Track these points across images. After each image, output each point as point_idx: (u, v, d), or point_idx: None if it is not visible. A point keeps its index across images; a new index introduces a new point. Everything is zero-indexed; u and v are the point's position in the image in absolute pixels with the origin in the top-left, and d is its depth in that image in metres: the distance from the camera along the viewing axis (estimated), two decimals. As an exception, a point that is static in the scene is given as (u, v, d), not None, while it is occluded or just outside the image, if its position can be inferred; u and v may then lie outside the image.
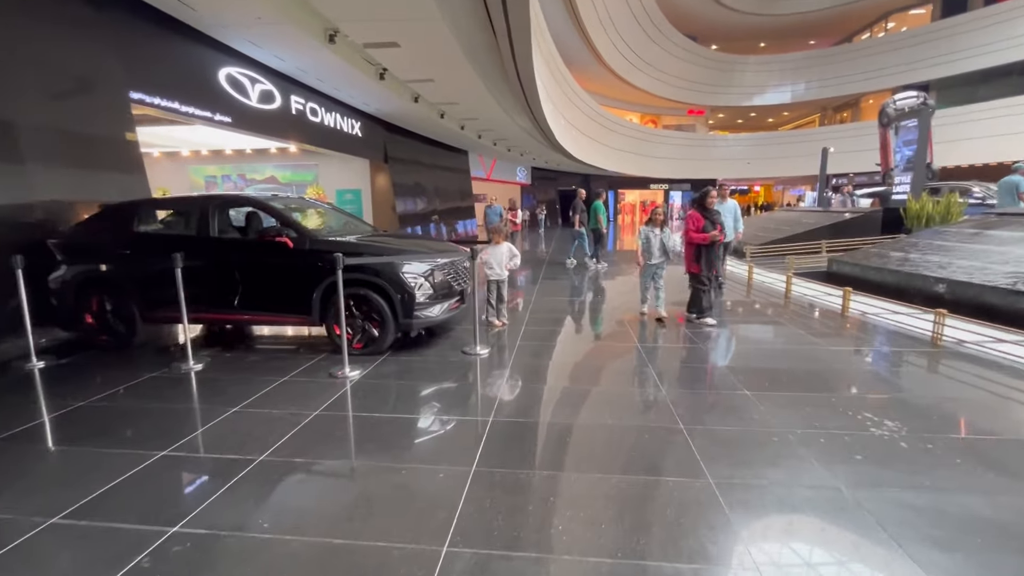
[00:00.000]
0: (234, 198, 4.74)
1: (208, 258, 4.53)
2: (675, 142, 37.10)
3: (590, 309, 7.03)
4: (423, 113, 13.27)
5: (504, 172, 27.40)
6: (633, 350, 4.73)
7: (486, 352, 4.47)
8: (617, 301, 7.35)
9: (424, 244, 5.01)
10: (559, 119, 20.18)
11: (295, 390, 3.59)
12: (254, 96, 8.98)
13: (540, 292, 7.74)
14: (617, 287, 8.80)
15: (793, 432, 2.96)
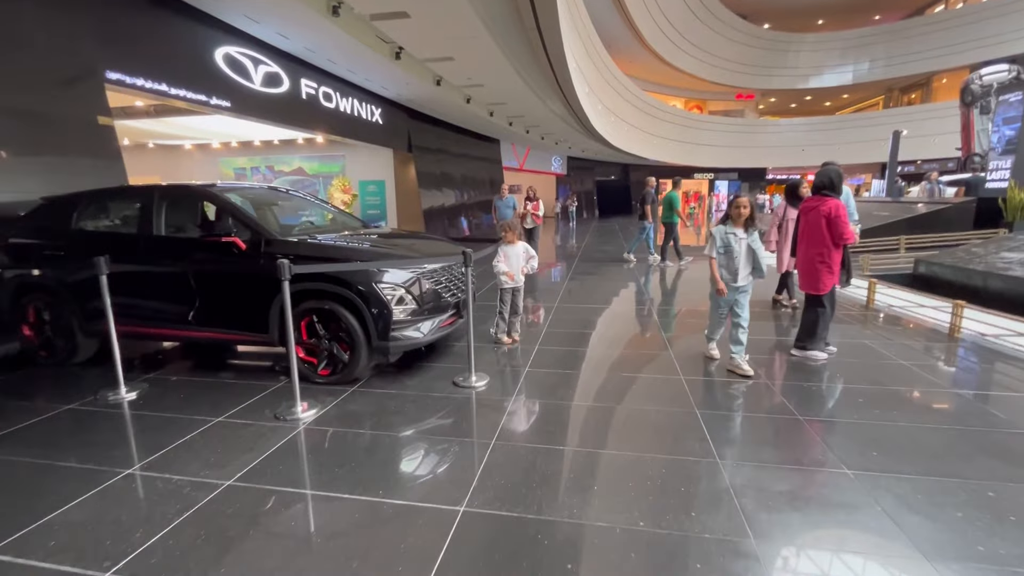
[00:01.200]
0: (178, 188, 3.93)
1: (147, 262, 3.74)
2: (722, 128, 34.84)
3: (634, 329, 5.37)
4: (448, 98, 12.34)
5: (538, 162, 26.25)
6: (689, 419, 3.04)
7: (483, 384, 3.50)
8: (678, 324, 5.49)
9: (414, 246, 4.04)
10: (595, 104, 18.85)
11: (223, 439, 2.73)
12: (257, 79, 8.25)
13: (567, 298, 6.66)
14: (681, 300, 6.92)
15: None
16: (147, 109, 13.05)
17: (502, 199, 9.06)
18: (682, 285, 7.96)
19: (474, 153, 19.02)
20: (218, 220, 3.55)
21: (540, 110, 15.16)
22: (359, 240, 3.83)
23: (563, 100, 14.11)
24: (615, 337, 5.01)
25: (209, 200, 3.68)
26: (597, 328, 5.27)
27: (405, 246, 3.93)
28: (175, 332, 3.76)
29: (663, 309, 6.22)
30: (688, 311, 6.01)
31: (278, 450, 2.63)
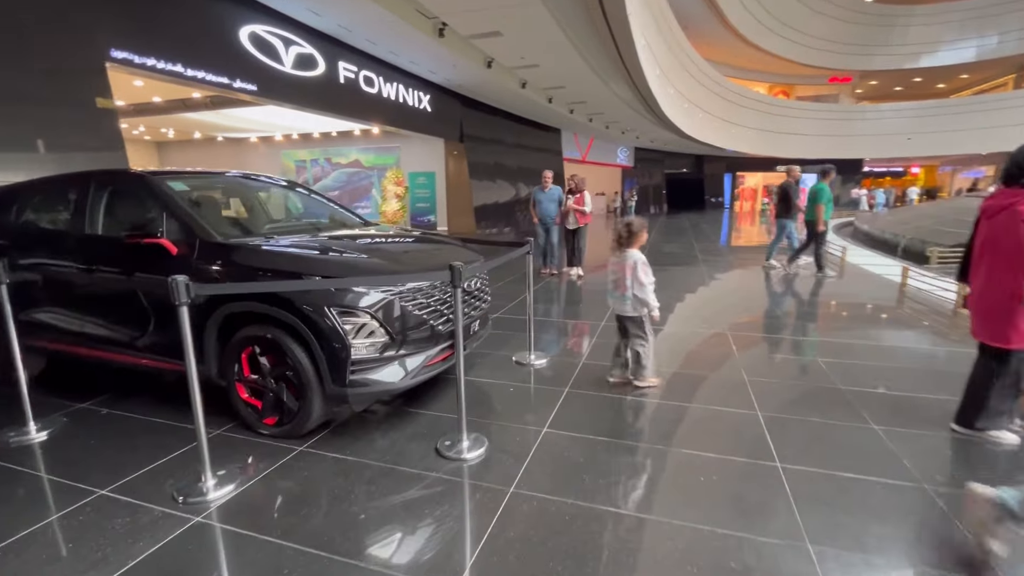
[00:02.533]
0: (113, 174, 3.18)
1: (64, 267, 3.02)
2: (812, 115, 31.37)
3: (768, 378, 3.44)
4: (501, 82, 11.33)
5: (602, 153, 24.69)
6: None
7: (478, 454, 2.41)
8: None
9: (404, 254, 3.02)
10: (667, 88, 17.12)
11: (79, 533, 1.83)
12: (288, 60, 7.63)
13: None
14: (844, 336, 4.60)
15: None
16: (204, 100, 13.08)
17: (544, 191, 7.27)
18: (850, 304, 5.76)
19: (532, 143, 17.92)
20: (146, 216, 2.76)
21: (603, 94, 13.79)
22: (336, 245, 2.89)
23: (629, 82, 12.67)
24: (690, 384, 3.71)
25: (141, 188, 2.90)
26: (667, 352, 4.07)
27: (392, 254, 2.94)
28: (90, 352, 3.03)
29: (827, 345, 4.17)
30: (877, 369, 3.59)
31: (135, 568, 1.73)
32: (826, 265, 7.66)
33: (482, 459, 2.42)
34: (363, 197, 18.41)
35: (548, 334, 4.43)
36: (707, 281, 7.38)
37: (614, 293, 3.25)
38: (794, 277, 7.45)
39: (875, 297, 6.12)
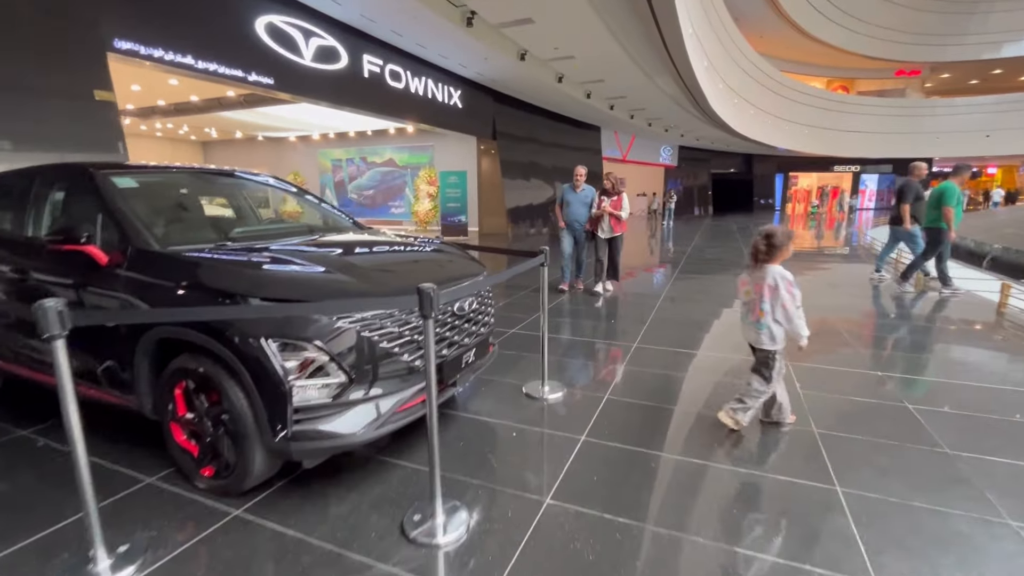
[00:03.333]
0: (59, 168, 2.75)
1: (4, 273, 2.62)
2: (875, 111, 29.13)
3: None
4: (535, 76, 10.72)
5: (644, 152, 23.65)
6: None
7: (454, 538, 1.78)
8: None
9: (371, 271, 2.42)
10: (716, 82, 16.04)
11: None
12: (308, 53, 7.28)
13: (655, 336, 4.66)
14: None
15: None
16: (238, 99, 13.08)
17: (576, 190, 5.81)
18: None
19: (569, 141, 17.21)
20: (77, 217, 2.32)
21: (646, 89, 12.94)
22: (300, 255, 2.37)
23: (675, 75, 11.80)
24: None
25: (81, 184, 2.46)
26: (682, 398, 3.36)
27: (363, 269, 2.36)
28: (24, 372, 2.62)
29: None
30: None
31: None
32: (949, 281, 6.09)
33: (459, 545, 1.82)
34: (397, 196, 18.21)
35: (569, 360, 3.78)
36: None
37: (747, 319, 2.65)
38: (908, 295, 6.11)
39: (973, 319, 5.14)
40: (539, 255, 3.02)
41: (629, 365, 3.64)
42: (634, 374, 3.47)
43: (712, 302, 5.85)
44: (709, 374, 3.55)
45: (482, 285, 2.52)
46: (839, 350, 4.06)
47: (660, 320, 4.89)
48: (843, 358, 3.88)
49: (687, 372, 3.60)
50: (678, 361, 3.79)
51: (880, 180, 33.33)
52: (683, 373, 3.58)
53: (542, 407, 3.00)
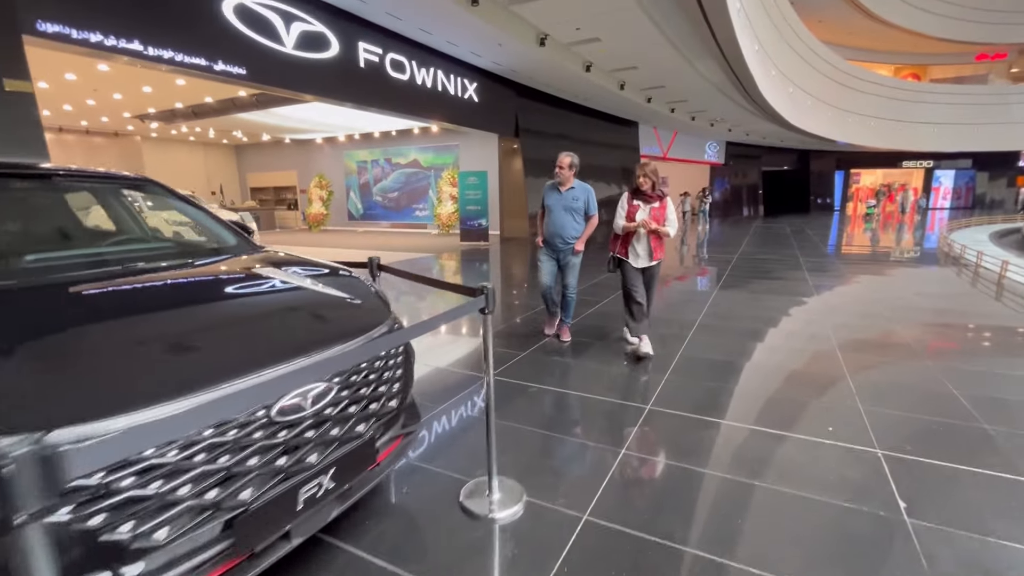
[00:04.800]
0: None
1: None
2: (952, 100, 26.10)
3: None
4: (559, 64, 9.58)
5: (687, 149, 21.95)
6: None
7: None
8: None
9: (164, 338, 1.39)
10: (768, 69, 14.36)
11: None
12: (289, 39, 6.45)
13: (688, 377, 3.49)
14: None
15: None
16: (250, 99, 12.59)
17: (563, 189, 3.92)
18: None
19: (602, 138, 15.91)
20: None
21: (687, 76, 11.53)
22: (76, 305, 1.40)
23: (720, 59, 10.36)
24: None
25: None
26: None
27: (147, 338, 1.34)
28: None
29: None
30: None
31: None
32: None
33: None
34: (421, 199, 17.46)
35: (538, 439, 2.63)
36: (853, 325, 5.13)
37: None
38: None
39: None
40: (478, 294, 1.92)
41: (632, 449, 2.47)
42: (636, 470, 2.30)
43: (756, 335, 4.55)
44: (757, 468, 2.33)
45: (356, 355, 1.46)
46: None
47: (688, 364, 3.67)
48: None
49: (719, 459, 2.39)
50: (704, 437, 2.58)
51: (957, 176, 30.07)
52: (714, 464, 2.37)
53: (488, 532, 1.90)
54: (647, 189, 3.64)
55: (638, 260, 3.76)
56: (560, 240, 3.96)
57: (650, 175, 3.60)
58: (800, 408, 2.95)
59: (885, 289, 6.75)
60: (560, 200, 3.91)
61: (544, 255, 4.11)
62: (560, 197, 3.91)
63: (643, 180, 3.61)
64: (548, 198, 4.00)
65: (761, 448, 2.48)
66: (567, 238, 3.94)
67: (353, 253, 11.07)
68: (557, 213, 3.91)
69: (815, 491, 2.10)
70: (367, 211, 19.02)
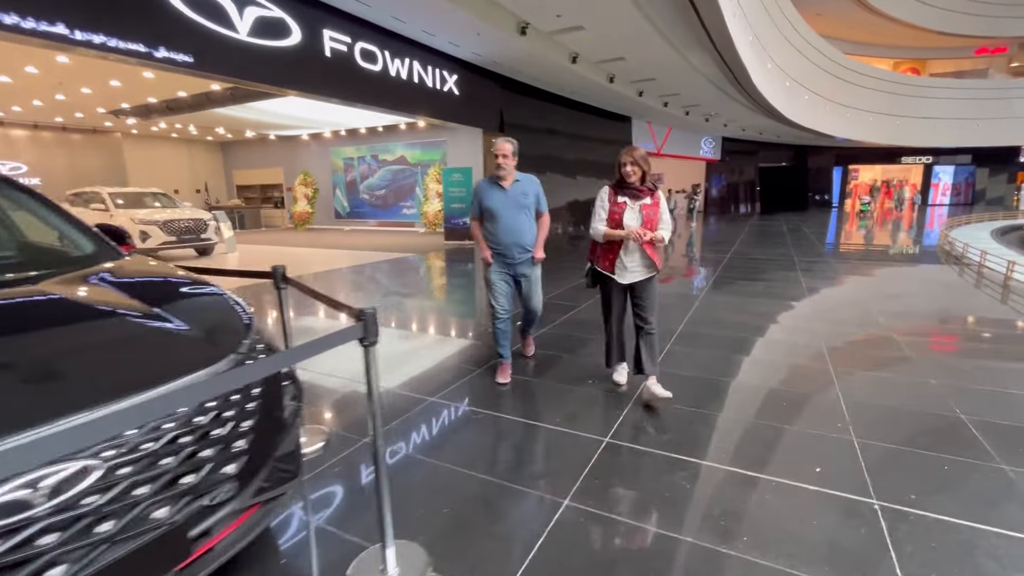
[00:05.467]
0: None
1: None
2: (952, 95, 25.65)
3: None
4: (543, 55, 9.13)
5: (682, 144, 21.49)
6: None
7: None
8: None
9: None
10: (764, 62, 13.92)
11: None
12: (244, 26, 5.99)
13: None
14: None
15: None
16: (224, 93, 12.12)
17: (507, 185, 3.13)
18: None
19: (594, 133, 15.45)
20: None
21: (678, 68, 11.07)
22: None
23: (712, 51, 9.91)
24: None
25: None
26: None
27: None
28: None
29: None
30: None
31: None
32: None
33: None
34: (408, 196, 17.00)
35: (467, 503, 1.99)
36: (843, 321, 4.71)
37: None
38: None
39: None
40: (357, 322, 1.48)
41: (578, 499, 2.03)
42: (579, 530, 1.86)
43: (741, 346, 4.11)
44: (730, 527, 1.88)
45: (148, 412, 1.03)
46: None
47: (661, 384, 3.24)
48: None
49: (684, 515, 1.94)
50: (668, 483, 2.13)
51: (956, 172, 29.64)
52: (676, 521, 1.92)
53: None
54: (635, 181, 2.80)
55: (626, 275, 2.89)
56: (519, 249, 3.17)
57: (639, 162, 2.77)
58: (785, 441, 2.52)
59: (882, 292, 6.32)
60: (508, 199, 3.13)
61: (496, 273, 3.23)
62: (506, 195, 3.13)
63: (631, 169, 2.77)
64: (489, 199, 3.14)
65: (736, 498, 2.04)
66: (527, 245, 3.19)
67: (336, 253, 10.67)
68: (509, 215, 3.12)
69: (795, 563, 1.66)
70: (354, 209, 18.56)
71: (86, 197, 10.40)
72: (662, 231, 2.83)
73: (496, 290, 3.24)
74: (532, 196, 3.20)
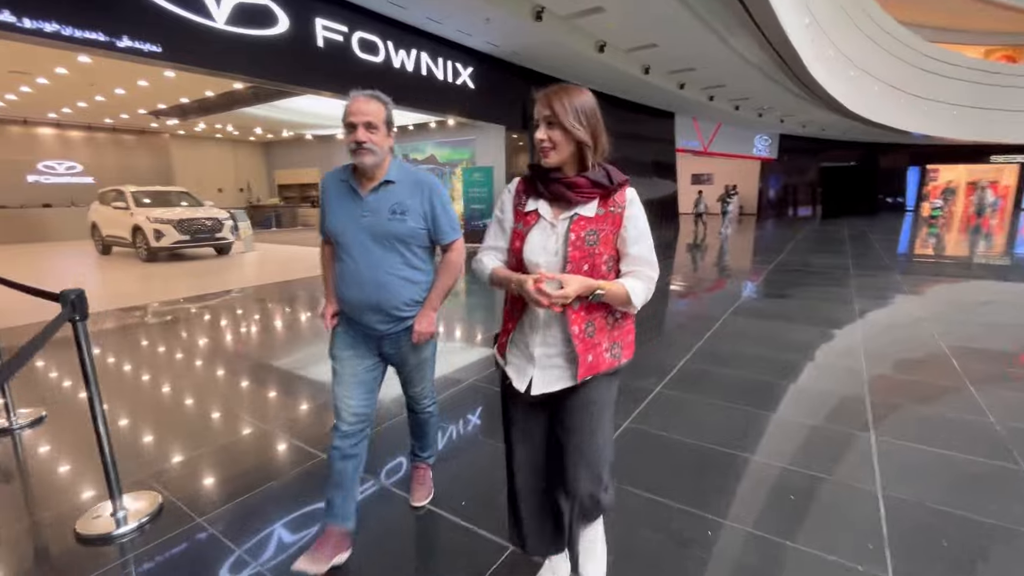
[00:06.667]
0: None
1: None
2: (1058, 84, 22.40)
3: None
4: (564, 44, 8.36)
5: (733, 142, 19.90)
6: None
7: None
8: None
9: None
10: (824, 48, 12.45)
11: None
12: (220, 13, 5.59)
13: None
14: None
15: None
16: (246, 92, 12.09)
17: (366, 188, 1.65)
18: None
19: (631, 130, 14.41)
20: None
21: (720, 56, 9.95)
22: None
23: (756, 34, 8.77)
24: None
25: None
26: None
27: None
28: None
29: None
30: None
31: None
32: None
33: None
34: (437, 197, 16.61)
35: None
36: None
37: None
38: None
39: None
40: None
41: None
42: None
43: (755, 394, 3.19)
44: None
45: None
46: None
47: (630, 453, 2.42)
48: None
49: None
50: None
51: (1061, 174, 26.05)
52: None
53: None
54: (554, 162, 1.30)
55: (528, 371, 1.36)
56: (378, 315, 1.69)
57: (569, 116, 1.26)
58: (799, 567, 1.67)
59: (957, 320, 5.11)
60: (360, 214, 1.65)
61: (343, 347, 1.76)
62: (360, 207, 1.65)
63: (546, 136, 1.28)
64: (334, 212, 1.69)
65: None
66: (392, 306, 1.69)
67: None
68: (360, 248, 1.66)
69: None
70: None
71: (111, 196, 10.56)
72: (625, 284, 1.26)
73: (339, 378, 1.74)
74: (416, 214, 1.67)
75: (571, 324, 1.28)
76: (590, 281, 1.23)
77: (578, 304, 1.28)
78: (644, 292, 1.29)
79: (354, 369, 1.75)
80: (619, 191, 1.32)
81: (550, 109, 1.26)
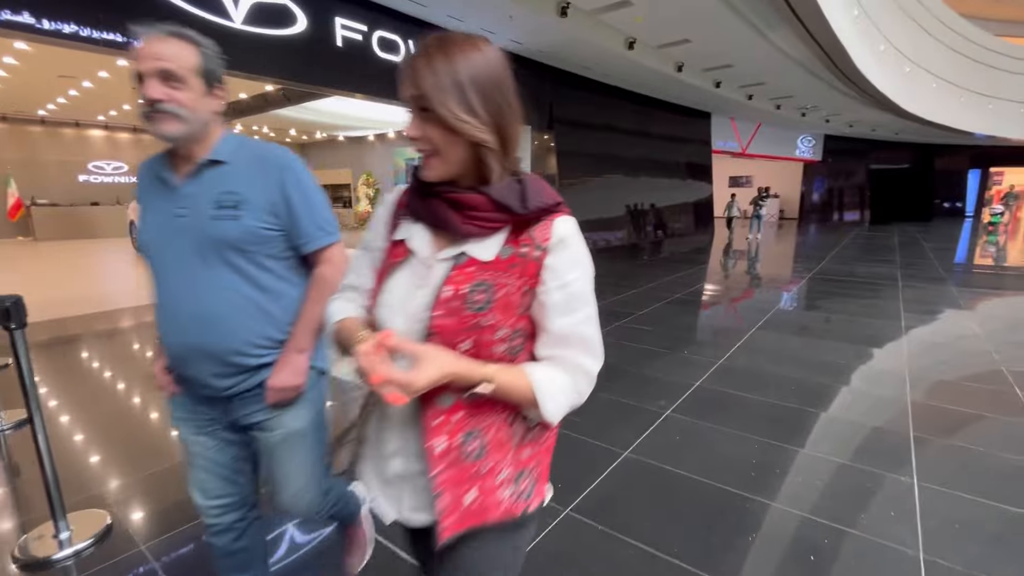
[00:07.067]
0: None
1: None
2: None
3: None
4: (591, 41, 8.08)
5: (774, 143, 19.01)
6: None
7: None
8: None
9: None
10: (875, 43, 11.67)
11: None
12: (238, 13, 5.57)
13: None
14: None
15: None
16: (277, 95, 12.27)
17: (181, 174, 1.12)
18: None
19: (664, 131, 13.93)
20: None
21: (759, 51, 9.42)
22: None
23: (798, 27, 8.23)
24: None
25: None
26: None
27: None
28: None
29: None
30: None
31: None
32: None
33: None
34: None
35: None
36: None
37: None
38: None
39: None
40: None
41: None
42: None
43: (779, 427, 2.84)
44: None
45: None
46: None
47: (603, 517, 2.15)
48: None
49: None
50: None
51: None
52: None
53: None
54: (439, 175, 0.77)
55: (386, 492, 0.86)
56: (208, 364, 1.14)
57: (457, 105, 0.74)
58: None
59: (1021, 341, 4.54)
60: (173, 213, 1.12)
61: (185, 420, 1.24)
62: (173, 202, 1.13)
63: (420, 136, 0.76)
64: (143, 217, 1.17)
65: None
66: (230, 349, 1.13)
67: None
68: (176, 261, 1.12)
69: None
70: (411, 210, 18.50)
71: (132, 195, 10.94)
72: (532, 375, 0.76)
73: (189, 459, 1.26)
74: (257, 207, 1.12)
75: (428, 434, 0.76)
76: (464, 366, 0.72)
77: (451, 400, 0.76)
78: (567, 395, 0.77)
79: (199, 449, 1.22)
80: (541, 222, 0.78)
81: (416, 86, 0.75)
